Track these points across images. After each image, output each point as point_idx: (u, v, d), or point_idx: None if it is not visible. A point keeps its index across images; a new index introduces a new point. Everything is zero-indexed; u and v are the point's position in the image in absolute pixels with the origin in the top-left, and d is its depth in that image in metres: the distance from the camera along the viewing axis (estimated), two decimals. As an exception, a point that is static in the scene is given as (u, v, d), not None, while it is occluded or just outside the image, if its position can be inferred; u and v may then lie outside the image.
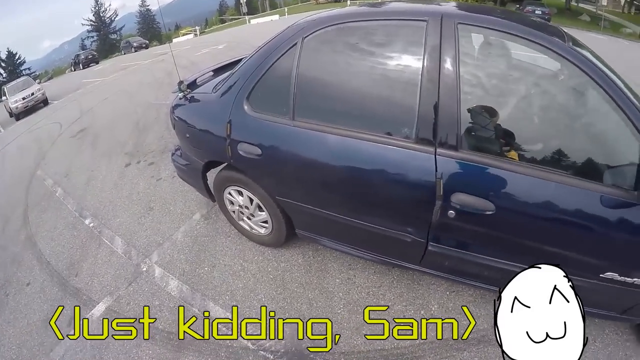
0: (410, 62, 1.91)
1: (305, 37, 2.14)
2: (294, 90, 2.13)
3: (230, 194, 2.72)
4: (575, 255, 1.80)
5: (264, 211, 2.60)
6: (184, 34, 39.35)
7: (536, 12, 23.83)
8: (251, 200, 2.61)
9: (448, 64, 1.79)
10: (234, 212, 2.84)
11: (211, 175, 2.83)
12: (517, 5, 28.34)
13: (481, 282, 2.16)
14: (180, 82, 2.76)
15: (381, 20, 2.04)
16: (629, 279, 1.74)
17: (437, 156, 1.81)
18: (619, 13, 40.29)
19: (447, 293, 2.54)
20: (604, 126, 1.82)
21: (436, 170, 1.81)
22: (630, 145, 1.62)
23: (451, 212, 1.83)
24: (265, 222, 2.68)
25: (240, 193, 2.64)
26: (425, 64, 1.82)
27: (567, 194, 1.68)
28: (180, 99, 2.79)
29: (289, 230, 2.60)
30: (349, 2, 38.13)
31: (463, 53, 1.80)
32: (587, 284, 1.81)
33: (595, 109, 1.79)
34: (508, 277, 1.97)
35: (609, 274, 1.76)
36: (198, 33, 38.39)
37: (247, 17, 38.85)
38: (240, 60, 3.30)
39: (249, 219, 2.78)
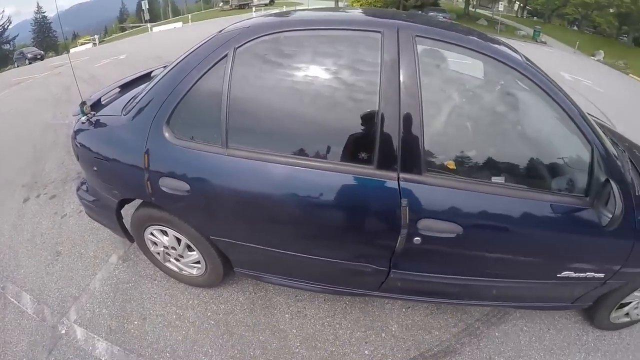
0: (366, 78, 1.68)
1: (238, 47, 1.77)
2: (225, 112, 1.75)
3: (152, 234, 2.26)
4: (535, 260, 1.83)
5: (194, 251, 2.20)
6: (82, 44, 35.29)
7: (438, 18, 25.09)
8: (179, 240, 2.19)
9: (408, 80, 1.60)
10: (158, 253, 2.38)
11: (127, 209, 2.35)
12: (420, 12, 29.91)
13: (443, 299, 2.09)
14: (83, 103, 2.16)
15: (329, 29, 1.76)
16: (582, 274, 1.86)
17: (400, 182, 1.62)
18: (513, 17, 45.09)
19: (403, 310, 2.42)
20: (557, 139, 1.86)
21: (400, 198, 1.62)
22: (580, 155, 1.73)
23: (417, 239, 1.68)
24: (197, 262, 2.28)
25: (165, 233, 2.21)
26: (382, 81, 1.61)
27: (527, 206, 1.71)
28: (83, 123, 2.20)
29: (226, 269, 2.23)
30: (253, 10, 37.71)
31: (424, 69, 1.63)
32: (544, 284, 1.95)
33: (548, 122, 1.83)
34: (471, 291, 1.98)
35: (565, 273, 1.86)
36: (97, 42, 34.49)
37: (149, 25, 35.41)
38: (149, 73, 2.82)
39: (177, 260, 2.35)
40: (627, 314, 2.32)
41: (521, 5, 48.82)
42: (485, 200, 1.68)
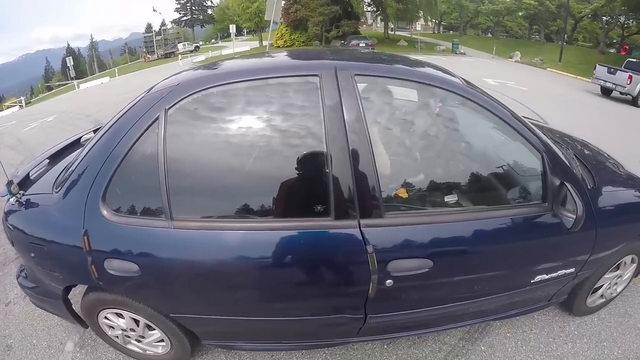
0: (310, 124, 1.56)
1: (169, 108, 1.58)
2: (165, 182, 1.54)
3: (107, 318, 1.97)
4: (508, 273, 1.84)
5: (155, 329, 1.93)
6: (8, 107, 32.80)
7: (360, 44, 25.57)
8: (137, 321, 1.92)
9: (354, 122, 1.49)
10: (117, 337, 2.07)
11: (76, 290, 2.07)
12: (342, 41, 30.69)
13: (424, 329, 2.01)
14: (10, 183, 1.86)
15: (263, 79, 1.62)
16: (554, 274, 1.87)
17: (362, 229, 1.50)
18: (430, 34, 47.69)
19: (385, 347, 2.27)
20: (508, 154, 1.86)
21: (365, 245, 1.49)
22: (532, 164, 1.75)
23: (389, 282, 1.56)
24: (161, 340, 2.00)
25: (120, 315, 1.93)
26: (326, 126, 1.49)
27: (490, 224, 1.69)
28: (12, 204, 1.89)
29: (193, 343, 1.98)
30: (180, 57, 37.64)
31: (367, 107, 1.55)
32: (520, 292, 1.92)
33: (497, 140, 1.84)
34: (450, 316, 1.89)
35: (538, 278, 1.85)
36: (24, 104, 32.19)
37: (75, 82, 33.68)
38: (79, 139, 2.57)
39: (139, 341, 2.05)
40: (602, 296, 2.39)
41: (436, 22, 51.81)
42: (450, 229, 1.64)
